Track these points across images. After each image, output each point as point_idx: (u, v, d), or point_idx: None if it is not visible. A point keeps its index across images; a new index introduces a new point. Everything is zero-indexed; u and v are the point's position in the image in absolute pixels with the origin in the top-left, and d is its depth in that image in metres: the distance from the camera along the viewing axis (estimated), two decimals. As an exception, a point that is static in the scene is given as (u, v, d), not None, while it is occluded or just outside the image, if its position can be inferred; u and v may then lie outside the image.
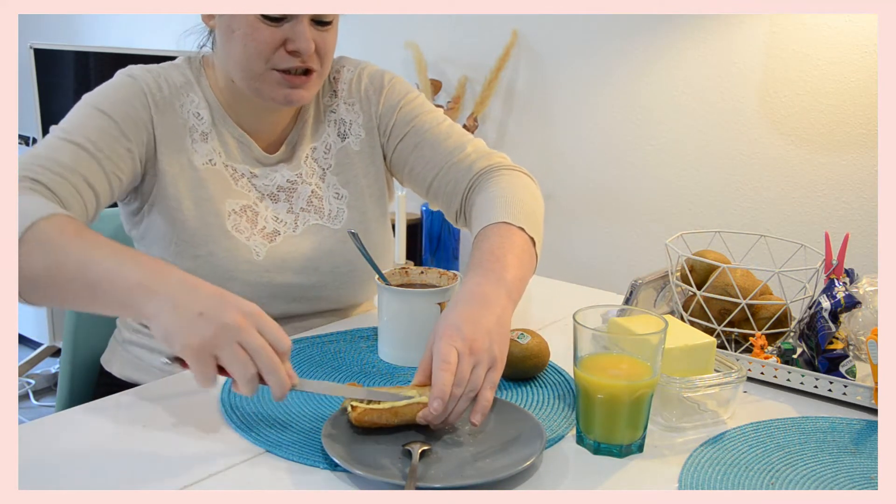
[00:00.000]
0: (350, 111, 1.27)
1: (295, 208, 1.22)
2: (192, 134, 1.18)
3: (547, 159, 2.46)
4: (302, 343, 1.14)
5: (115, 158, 1.09)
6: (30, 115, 2.63)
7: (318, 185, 1.25)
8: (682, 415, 0.93)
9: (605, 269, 2.39)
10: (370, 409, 0.85)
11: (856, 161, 1.94)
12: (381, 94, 1.28)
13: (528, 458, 0.81)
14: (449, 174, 1.23)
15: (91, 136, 1.07)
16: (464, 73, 2.55)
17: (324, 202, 1.24)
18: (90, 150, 1.06)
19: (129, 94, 1.14)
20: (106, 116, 1.10)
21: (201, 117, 1.19)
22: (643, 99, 2.25)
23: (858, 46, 1.90)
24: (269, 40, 1.10)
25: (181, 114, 1.18)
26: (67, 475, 0.80)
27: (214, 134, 1.19)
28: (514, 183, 1.18)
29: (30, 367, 2.86)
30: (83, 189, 1.05)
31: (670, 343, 0.94)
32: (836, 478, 0.84)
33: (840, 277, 1.08)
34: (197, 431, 0.89)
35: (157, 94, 1.16)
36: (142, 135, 1.13)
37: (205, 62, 1.23)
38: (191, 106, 1.19)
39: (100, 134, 1.08)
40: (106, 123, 1.10)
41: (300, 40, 1.10)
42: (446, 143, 1.24)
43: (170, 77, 1.19)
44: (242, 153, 1.21)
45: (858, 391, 1.00)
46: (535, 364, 1.03)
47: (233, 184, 1.19)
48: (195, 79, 1.21)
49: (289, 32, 1.10)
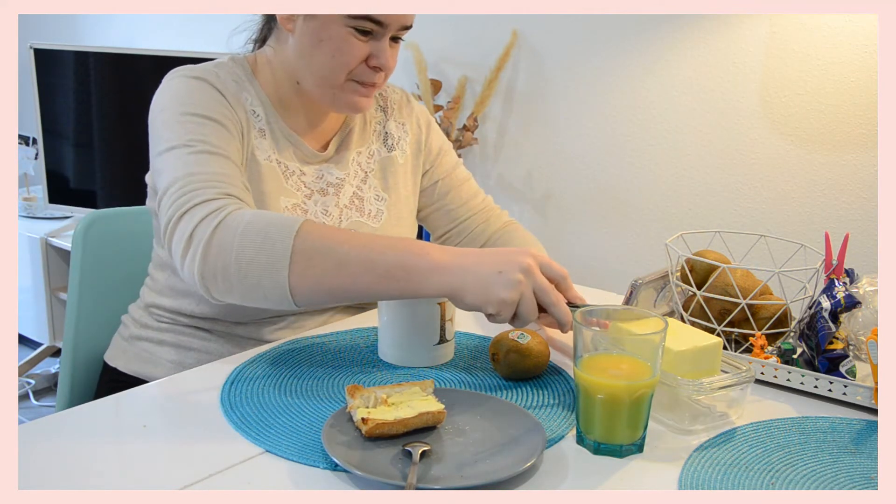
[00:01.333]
0: (400, 129, 1.36)
1: (340, 204, 1.26)
2: (253, 130, 1.20)
3: (547, 159, 2.47)
4: (302, 343, 1.14)
5: (235, 156, 1.11)
6: (30, 115, 2.63)
7: (360, 186, 1.29)
8: (693, 417, 0.93)
9: (605, 269, 2.39)
10: (382, 422, 0.85)
11: (856, 161, 1.94)
12: (430, 130, 1.39)
13: (529, 459, 0.81)
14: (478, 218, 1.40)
15: (216, 143, 1.09)
16: (464, 73, 2.55)
17: (365, 203, 1.29)
18: (222, 154, 1.08)
19: (208, 95, 1.14)
20: (211, 121, 1.11)
21: (258, 115, 1.21)
22: (643, 99, 2.25)
23: (858, 46, 1.90)
24: (358, 54, 1.14)
25: (246, 108, 1.19)
26: (67, 475, 0.80)
27: (268, 131, 1.21)
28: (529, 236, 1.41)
29: (30, 367, 2.86)
30: (246, 195, 1.07)
31: (677, 346, 0.94)
32: (836, 478, 0.84)
33: (840, 277, 1.08)
34: (197, 431, 0.89)
35: (226, 91, 1.17)
36: (238, 129, 1.15)
37: (252, 61, 1.25)
38: (247, 103, 1.20)
39: (219, 138, 1.10)
40: (216, 127, 1.11)
41: (383, 57, 1.15)
42: (475, 199, 1.41)
43: (228, 73, 1.20)
44: (292, 151, 1.23)
45: (858, 391, 1.00)
46: (535, 364, 1.03)
47: (284, 181, 1.21)
48: (245, 77, 1.22)
49: (374, 48, 1.14)
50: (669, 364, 0.93)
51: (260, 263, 0.95)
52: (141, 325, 1.26)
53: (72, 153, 2.65)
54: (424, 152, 1.38)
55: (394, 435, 0.86)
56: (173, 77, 1.18)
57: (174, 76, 1.18)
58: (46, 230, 2.74)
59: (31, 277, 2.80)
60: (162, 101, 1.14)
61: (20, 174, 3.00)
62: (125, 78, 2.52)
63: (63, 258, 2.76)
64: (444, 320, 1.07)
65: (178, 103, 1.12)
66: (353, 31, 1.12)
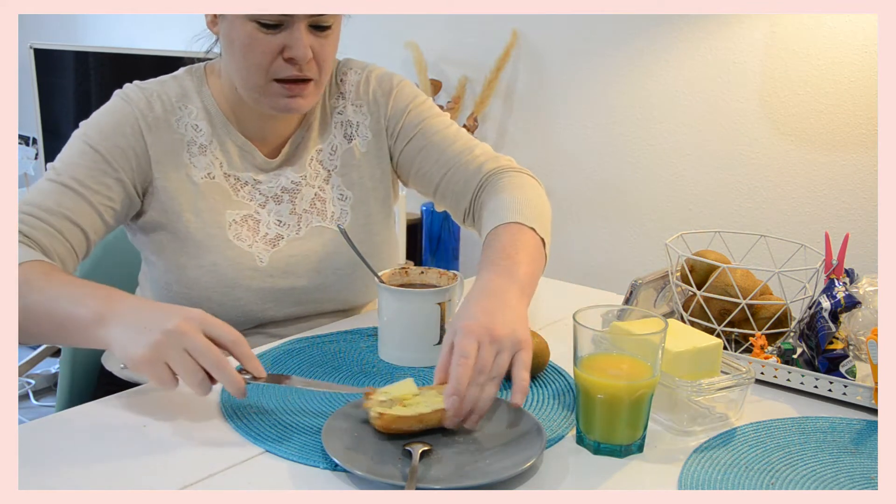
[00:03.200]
0: (357, 113, 1.27)
1: (298, 209, 1.23)
2: (189, 148, 1.18)
3: (547, 159, 2.46)
4: (302, 343, 1.14)
5: (103, 191, 1.11)
6: (30, 115, 2.63)
7: (322, 187, 1.25)
8: (692, 418, 0.93)
9: (605, 269, 2.39)
10: (399, 417, 0.85)
11: (856, 161, 1.94)
12: (390, 97, 1.27)
13: (529, 459, 0.81)
14: (457, 175, 1.23)
15: (77, 175, 1.10)
16: (464, 73, 2.55)
17: (327, 204, 1.24)
18: (76, 189, 1.10)
19: (119, 120, 1.15)
20: (93, 151, 1.12)
21: (200, 129, 1.19)
22: (643, 99, 2.25)
23: (858, 46, 1.90)
24: (267, 49, 1.09)
25: (177, 129, 1.18)
26: (67, 475, 0.80)
27: (216, 144, 1.19)
28: (523, 184, 1.19)
29: (30, 367, 2.86)
30: (67, 229, 1.08)
31: (677, 346, 0.94)
32: (836, 478, 0.84)
33: (840, 277, 1.08)
34: (197, 431, 0.89)
35: (150, 115, 1.16)
36: (131, 161, 1.14)
37: (208, 70, 1.23)
38: (188, 119, 1.18)
39: (87, 171, 1.11)
40: (92, 159, 1.12)
41: (297, 47, 1.08)
42: (454, 145, 1.25)
43: (165, 92, 1.18)
44: (244, 161, 1.21)
45: (858, 391, 1.00)
46: (534, 363, 1.03)
47: (233, 194, 1.19)
48: (196, 89, 1.20)
49: (286, 39, 1.08)
50: (669, 365, 0.93)
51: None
52: None
53: (72, 153, 2.65)
54: (387, 123, 1.27)
55: (409, 432, 0.86)
56: (116, 93, 1.19)
57: (118, 92, 1.19)
58: (46, 230, 2.74)
59: (31, 277, 2.79)
60: (85, 121, 1.17)
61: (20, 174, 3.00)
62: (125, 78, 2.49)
63: (63, 258, 2.75)
64: (444, 320, 1.07)
65: (86, 124, 1.16)
66: (256, 26, 1.08)
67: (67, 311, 0.92)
